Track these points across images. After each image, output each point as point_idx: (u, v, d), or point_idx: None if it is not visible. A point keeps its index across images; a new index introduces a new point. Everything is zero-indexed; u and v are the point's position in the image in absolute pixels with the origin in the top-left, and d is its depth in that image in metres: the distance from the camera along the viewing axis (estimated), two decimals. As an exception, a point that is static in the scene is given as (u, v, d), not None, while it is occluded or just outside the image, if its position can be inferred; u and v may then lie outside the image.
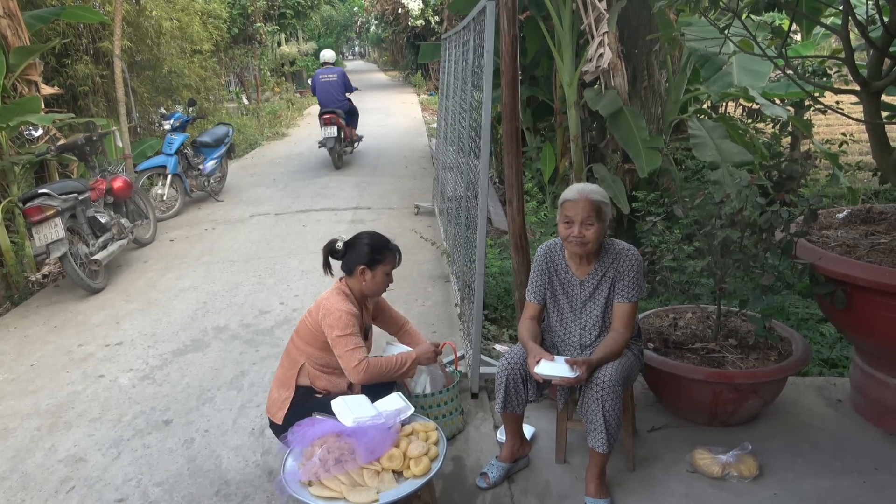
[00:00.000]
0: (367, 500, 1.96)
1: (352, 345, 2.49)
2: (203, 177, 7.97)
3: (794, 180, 5.68)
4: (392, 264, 2.69)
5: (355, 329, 2.54)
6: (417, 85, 24.24)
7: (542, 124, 7.31)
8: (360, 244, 2.66)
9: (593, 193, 2.43)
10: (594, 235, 2.42)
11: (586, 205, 2.40)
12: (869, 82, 2.68)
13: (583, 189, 2.46)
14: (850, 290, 2.63)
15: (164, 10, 9.74)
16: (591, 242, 2.43)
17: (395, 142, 12.31)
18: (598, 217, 2.41)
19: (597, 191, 2.46)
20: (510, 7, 2.85)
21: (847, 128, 7.83)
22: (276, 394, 2.64)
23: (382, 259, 2.65)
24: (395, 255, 2.70)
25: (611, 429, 2.33)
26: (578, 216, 2.41)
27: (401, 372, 2.61)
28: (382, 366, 2.54)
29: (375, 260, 2.63)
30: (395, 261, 2.70)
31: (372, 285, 2.66)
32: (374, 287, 2.67)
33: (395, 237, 6.15)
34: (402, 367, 2.61)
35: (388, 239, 2.73)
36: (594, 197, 2.41)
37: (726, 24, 3.00)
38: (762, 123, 7.18)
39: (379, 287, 2.69)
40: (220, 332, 4.29)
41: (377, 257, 2.64)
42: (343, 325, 2.50)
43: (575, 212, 2.42)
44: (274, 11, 18.53)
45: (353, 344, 2.50)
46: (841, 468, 2.61)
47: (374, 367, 2.51)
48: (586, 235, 2.42)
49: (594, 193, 2.43)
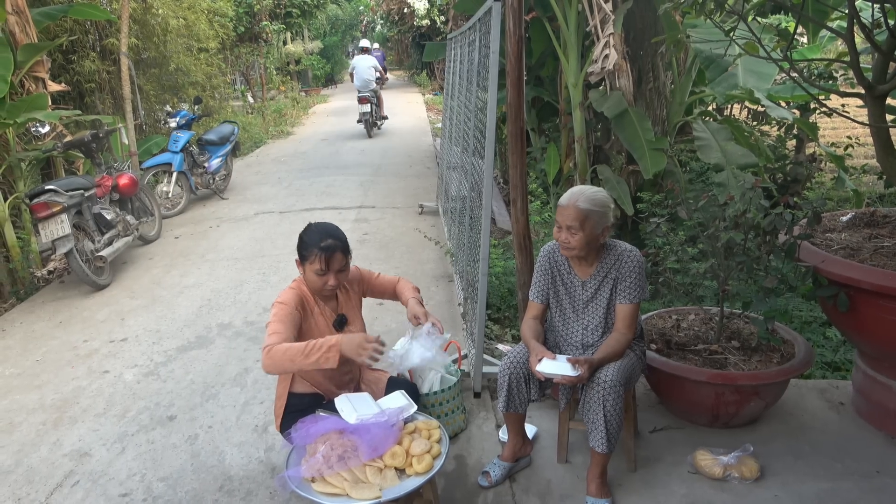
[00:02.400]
0: (369, 496, 1.97)
1: (269, 331, 2.29)
2: (208, 174, 8.00)
3: (798, 183, 5.70)
4: (320, 265, 2.37)
5: (280, 317, 2.33)
6: (422, 84, 24.27)
7: (547, 125, 7.31)
8: (303, 234, 2.46)
9: (582, 201, 2.40)
10: (578, 242, 2.42)
11: (572, 212, 2.40)
12: (874, 86, 2.69)
13: (574, 195, 2.44)
14: (853, 293, 2.63)
15: (170, 7, 9.77)
16: (576, 248, 2.44)
17: (399, 141, 12.33)
18: (582, 224, 2.39)
19: (589, 198, 2.41)
20: (516, 8, 2.86)
21: (853, 131, 7.82)
22: (276, 401, 2.62)
23: (308, 256, 2.39)
24: (322, 256, 2.36)
25: (612, 429, 2.34)
26: (565, 222, 2.42)
27: (312, 359, 2.17)
28: (289, 351, 2.18)
29: (303, 255, 2.42)
30: (322, 261, 2.36)
31: (307, 281, 2.45)
32: (308, 283, 2.45)
33: (400, 236, 6.24)
34: (314, 353, 2.17)
35: (333, 236, 2.42)
36: (581, 205, 2.39)
37: (732, 27, 3.00)
38: (767, 126, 7.17)
39: (311, 284, 2.44)
40: (224, 329, 4.31)
41: (304, 253, 2.41)
42: (271, 315, 2.36)
43: (563, 217, 2.43)
44: (280, 10, 18.57)
45: (270, 330, 2.30)
46: (842, 471, 2.61)
47: (277, 352, 2.19)
48: (571, 241, 2.43)
49: (583, 201, 2.40)
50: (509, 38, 2.90)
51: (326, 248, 2.39)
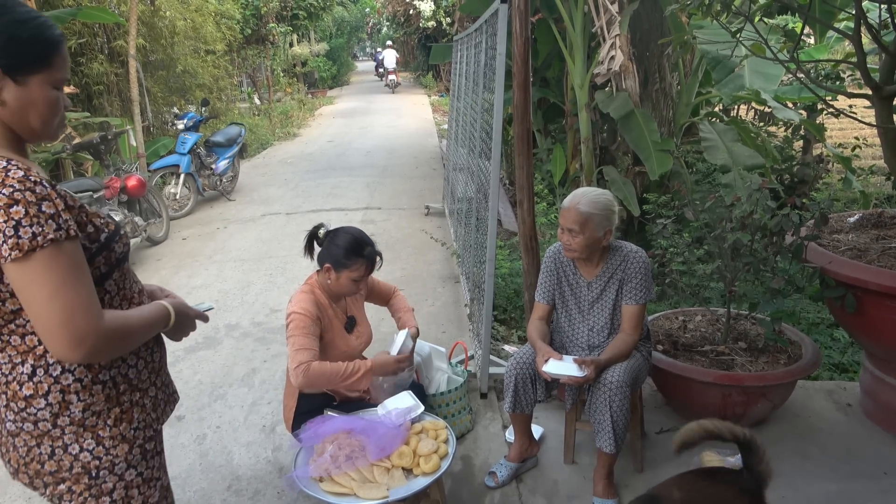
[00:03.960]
0: (377, 496, 1.98)
1: (297, 345, 2.32)
2: (215, 176, 8.04)
3: (805, 184, 5.68)
4: (361, 272, 2.45)
5: (306, 330, 2.36)
6: (428, 86, 24.29)
7: (553, 126, 7.32)
8: (336, 240, 2.47)
9: (584, 204, 2.40)
10: (579, 245, 2.43)
11: (573, 215, 2.41)
12: (881, 86, 2.68)
13: (576, 197, 2.44)
14: (861, 294, 2.63)
15: (178, 10, 9.82)
16: (577, 251, 2.45)
17: (405, 143, 12.35)
18: (583, 227, 2.39)
19: (591, 201, 2.41)
20: (523, 9, 2.87)
21: (860, 132, 7.79)
22: (285, 402, 2.61)
23: (350, 265, 2.43)
24: (365, 264, 2.46)
25: (618, 429, 2.34)
26: (566, 224, 2.43)
27: (349, 381, 2.33)
28: (326, 371, 2.30)
29: (342, 263, 2.43)
30: (364, 269, 2.46)
31: (336, 286, 2.48)
32: (337, 288, 2.48)
33: (406, 237, 6.25)
34: (351, 376, 2.33)
35: (369, 243, 2.49)
36: (582, 208, 2.40)
37: (738, 28, 3.00)
38: (774, 127, 7.16)
39: (343, 290, 2.49)
40: (232, 330, 4.33)
41: (345, 261, 2.43)
42: (293, 326, 2.37)
43: (564, 220, 2.44)
44: (286, 12, 18.61)
45: (298, 345, 2.32)
46: (850, 472, 2.60)
47: (315, 371, 2.28)
48: (572, 244, 2.44)
49: (584, 204, 2.40)
50: (516, 40, 2.91)
51: (370, 256, 2.47)
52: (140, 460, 1.40)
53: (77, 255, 1.20)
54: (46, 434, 1.30)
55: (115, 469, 1.35)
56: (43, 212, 1.15)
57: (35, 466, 1.32)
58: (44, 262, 1.14)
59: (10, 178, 1.14)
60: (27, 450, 1.32)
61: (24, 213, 1.13)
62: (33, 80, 1.23)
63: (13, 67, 1.20)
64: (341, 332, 2.55)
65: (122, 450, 1.35)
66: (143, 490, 1.41)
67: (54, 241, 1.15)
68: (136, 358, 1.40)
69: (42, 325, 1.17)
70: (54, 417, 1.28)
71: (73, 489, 1.33)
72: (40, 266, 1.14)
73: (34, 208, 1.14)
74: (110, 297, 1.34)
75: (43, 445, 1.30)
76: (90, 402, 1.31)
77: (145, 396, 1.42)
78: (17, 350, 1.26)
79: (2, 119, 1.23)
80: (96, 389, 1.31)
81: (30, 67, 1.22)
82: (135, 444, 1.38)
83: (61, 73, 1.28)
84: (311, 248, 2.59)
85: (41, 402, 1.27)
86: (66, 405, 1.29)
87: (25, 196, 1.13)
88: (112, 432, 1.34)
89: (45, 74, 1.24)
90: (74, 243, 1.20)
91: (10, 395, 1.28)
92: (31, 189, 1.14)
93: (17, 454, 1.33)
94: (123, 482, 1.37)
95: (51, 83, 1.26)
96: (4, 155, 1.20)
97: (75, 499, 1.34)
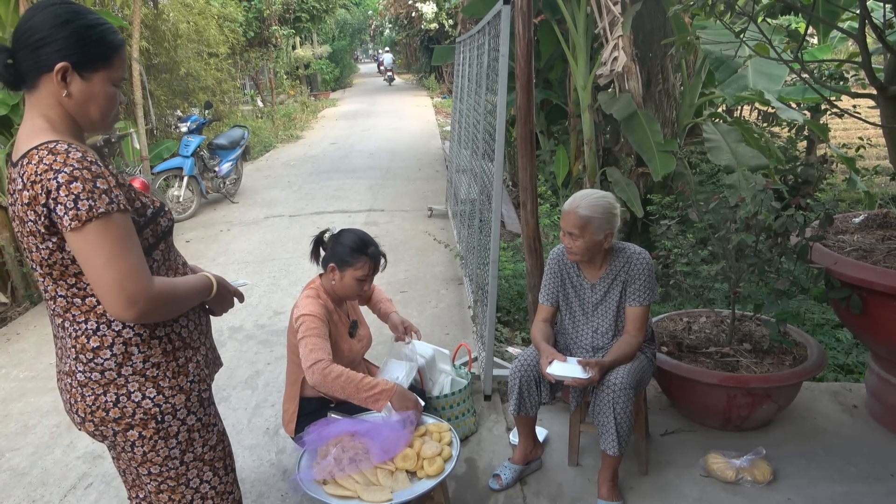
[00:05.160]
0: (381, 499, 1.97)
1: (311, 346, 2.31)
2: (218, 179, 8.05)
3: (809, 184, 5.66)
4: (365, 271, 2.44)
5: (319, 332, 2.35)
6: (431, 88, 24.31)
7: (556, 128, 7.31)
8: (339, 241, 2.48)
9: (583, 207, 2.39)
10: (579, 248, 2.42)
11: (572, 218, 2.40)
12: (886, 86, 2.67)
13: (576, 200, 2.43)
14: (866, 294, 2.61)
15: (181, 13, 9.85)
16: (578, 254, 2.44)
17: (408, 145, 12.35)
18: (582, 231, 2.39)
19: (591, 204, 2.40)
20: (525, 11, 2.87)
21: (864, 132, 7.76)
22: (285, 407, 2.60)
23: (353, 263, 2.42)
24: (369, 262, 2.44)
25: (622, 432, 2.33)
26: (566, 227, 2.43)
27: (364, 395, 2.23)
28: (343, 377, 2.23)
29: (346, 262, 2.43)
30: (369, 268, 2.45)
31: (340, 287, 2.47)
32: (342, 289, 2.47)
33: (409, 239, 6.25)
34: (368, 391, 2.24)
35: (373, 243, 2.49)
36: (581, 211, 2.39)
37: (742, 28, 3.00)
38: (777, 127, 7.14)
39: (348, 290, 2.48)
40: (236, 333, 4.33)
41: (348, 259, 2.43)
42: (304, 329, 2.35)
43: (564, 223, 2.44)
44: (289, 15, 18.66)
45: (312, 345, 2.31)
46: (856, 474, 2.59)
47: (333, 373, 2.23)
48: (573, 246, 2.44)
49: (584, 207, 2.39)
50: (519, 41, 2.91)
51: (374, 256, 2.46)
52: (198, 407, 1.57)
53: (128, 226, 1.35)
54: (112, 382, 1.46)
55: (177, 414, 1.52)
56: (98, 187, 1.30)
57: (100, 414, 1.47)
58: (99, 232, 1.30)
59: (70, 159, 1.29)
60: (94, 398, 1.46)
61: (82, 188, 1.28)
62: (96, 77, 1.40)
63: (81, 64, 1.37)
64: (345, 336, 2.55)
65: (179, 399, 1.52)
66: (203, 434, 1.59)
67: (107, 213, 1.30)
68: (186, 320, 1.57)
69: (99, 288, 1.33)
70: (119, 367, 1.45)
71: (144, 434, 1.49)
72: (95, 235, 1.30)
73: (90, 184, 1.29)
74: (157, 266, 1.50)
75: (108, 394, 1.46)
76: (149, 355, 1.48)
77: (197, 354, 1.59)
78: (81, 310, 1.43)
79: (67, 109, 1.39)
80: (154, 343, 1.48)
81: (95, 65, 1.39)
82: (192, 394, 1.55)
83: (120, 73, 1.45)
84: (318, 254, 2.58)
85: (107, 352, 1.44)
86: (129, 356, 1.46)
87: (83, 174, 1.29)
88: (171, 383, 1.50)
89: (106, 72, 1.41)
90: (125, 216, 1.35)
91: (80, 348, 1.45)
92: (87, 168, 1.30)
93: (84, 403, 1.48)
94: (186, 426, 1.54)
95: (111, 80, 1.43)
96: (67, 139, 1.35)
97: (146, 443, 1.50)
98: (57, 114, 1.39)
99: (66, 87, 1.36)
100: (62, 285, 1.42)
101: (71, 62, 1.35)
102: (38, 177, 1.28)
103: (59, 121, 1.39)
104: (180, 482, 1.58)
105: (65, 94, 1.37)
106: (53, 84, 1.35)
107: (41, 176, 1.28)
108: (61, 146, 1.31)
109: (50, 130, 1.36)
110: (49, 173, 1.28)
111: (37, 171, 1.29)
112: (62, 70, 1.34)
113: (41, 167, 1.28)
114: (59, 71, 1.34)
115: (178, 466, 1.56)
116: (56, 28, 1.34)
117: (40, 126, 1.37)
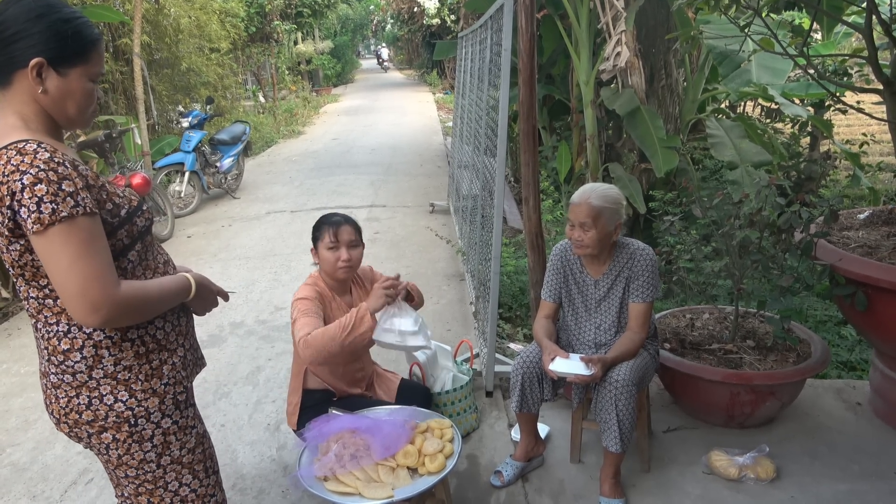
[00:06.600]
0: (382, 495, 1.97)
1: (300, 325, 2.26)
2: (220, 174, 8.04)
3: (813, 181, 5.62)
4: (331, 237, 2.42)
5: (308, 311, 2.32)
6: (433, 83, 24.25)
7: (558, 123, 7.29)
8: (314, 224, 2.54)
9: (595, 197, 2.39)
10: (591, 240, 2.40)
11: (585, 208, 2.39)
12: (893, 81, 2.65)
13: (586, 192, 2.43)
14: (871, 291, 2.59)
15: (182, 8, 9.82)
16: (589, 247, 2.42)
17: (410, 140, 12.33)
18: (595, 221, 2.37)
19: (602, 195, 2.40)
20: (528, 5, 2.85)
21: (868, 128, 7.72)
22: (289, 399, 2.60)
23: (320, 237, 2.47)
24: (331, 229, 2.44)
25: (624, 429, 2.32)
26: (577, 219, 2.41)
27: (354, 333, 2.15)
28: (328, 332, 2.16)
29: (316, 238, 2.49)
30: (332, 234, 2.43)
31: (324, 265, 2.48)
32: (325, 266, 2.47)
33: (411, 235, 6.24)
34: (350, 327, 2.16)
35: (336, 215, 2.53)
36: (594, 201, 2.38)
37: (746, 23, 2.97)
38: (781, 123, 7.11)
39: (328, 266, 2.45)
40: (237, 328, 4.32)
41: (316, 235, 2.49)
42: (296, 311, 2.35)
43: (575, 215, 2.42)
44: (291, 10, 18.63)
45: (300, 324, 2.25)
46: (859, 472, 2.58)
47: (316, 337, 2.16)
48: (584, 239, 2.41)
49: (595, 197, 2.39)
50: (521, 36, 2.88)
51: (335, 223, 2.48)
52: (174, 410, 1.53)
53: (94, 230, 1.31)
54: (84, 385, 1.44)
55: (150, 418, 1.49)
56: (63, 190, 1.27)
57: (74, 416, 1.46)
58: (62, 235, 1.26)
59: (37, 160, 1.26)
60: (67, 400, 1.45)
61: (46, 190, 1.25)
62: (73, 73, 1.36)
63: (57, 60, 1.34)
64: None
65: (153, 402, 1.49)
66: (180, 437, 1.55)
67: (70, 217, 1.27)
68: (163, 321, 1.53)
69: (63, 292, 1.30)
70: (89, 370, 1.43)
71: (117, 437, 1.47)
72: (59, 238, 1.26)
73: (55, 186, 1.26)
74: (133, 267, 1.47)
75: (81, 396, 1.44)
76: (120, 357, 1.45)
77: (174, 356, 1.55)
78: (52, 311, 1.42)
79: (43, 106, 1.36)
80: (125, 346, 1.45)
81: (71, 61, 1.35)
82: (166, 397, 1.51)
83: (97, 68, 1.41)
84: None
85: (77, 355, 1.42)
86: (99, 359, 1.43)
87: (48, 175, 1.26)
88: (143, 386, 1.47)
89: (83, 68, 1.38)
90: (91, 219, 1.31)
91: (51, 350, 1.44)
92: (54, 169, 1.27)
93: (58, 405, 1.47)
94: (161, 429, 1.51)
95: (88, 76, 1.39)
96: (37, 138, 1.31)
97: (120, 446, 1.48)
98: (32, 111, 1.35)
99: (41, 84, 1.33)
100: (34, 286, 1.39)
101: (46, 58, 1.31)
102: (5, 178, 1.25)
103: (35, 118, 1.35)
104: (158, 485, 1.55)
105: (40, 91, 1.33)
106: (28, 80, 1.32)
107: (8, 177, 1.25)
108: (30, 146, 1.27)
109: (23, 129, 1.33)
110: (15, 174, 1.24)
111: (4, 171, 1.25)
112: (37, 66, 1.31)
113: (8, 168, 1.25)
114: (33, 67, 1.30)
115: (154, 470, 1.53)
116: (30, 22, 1.30)
117: (13, 124, 1.33)
